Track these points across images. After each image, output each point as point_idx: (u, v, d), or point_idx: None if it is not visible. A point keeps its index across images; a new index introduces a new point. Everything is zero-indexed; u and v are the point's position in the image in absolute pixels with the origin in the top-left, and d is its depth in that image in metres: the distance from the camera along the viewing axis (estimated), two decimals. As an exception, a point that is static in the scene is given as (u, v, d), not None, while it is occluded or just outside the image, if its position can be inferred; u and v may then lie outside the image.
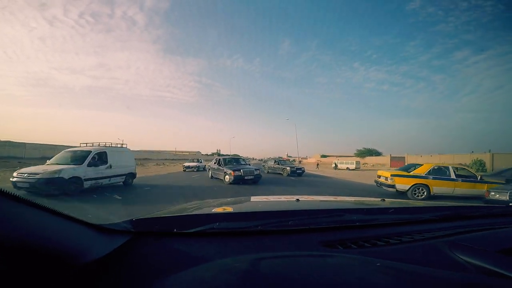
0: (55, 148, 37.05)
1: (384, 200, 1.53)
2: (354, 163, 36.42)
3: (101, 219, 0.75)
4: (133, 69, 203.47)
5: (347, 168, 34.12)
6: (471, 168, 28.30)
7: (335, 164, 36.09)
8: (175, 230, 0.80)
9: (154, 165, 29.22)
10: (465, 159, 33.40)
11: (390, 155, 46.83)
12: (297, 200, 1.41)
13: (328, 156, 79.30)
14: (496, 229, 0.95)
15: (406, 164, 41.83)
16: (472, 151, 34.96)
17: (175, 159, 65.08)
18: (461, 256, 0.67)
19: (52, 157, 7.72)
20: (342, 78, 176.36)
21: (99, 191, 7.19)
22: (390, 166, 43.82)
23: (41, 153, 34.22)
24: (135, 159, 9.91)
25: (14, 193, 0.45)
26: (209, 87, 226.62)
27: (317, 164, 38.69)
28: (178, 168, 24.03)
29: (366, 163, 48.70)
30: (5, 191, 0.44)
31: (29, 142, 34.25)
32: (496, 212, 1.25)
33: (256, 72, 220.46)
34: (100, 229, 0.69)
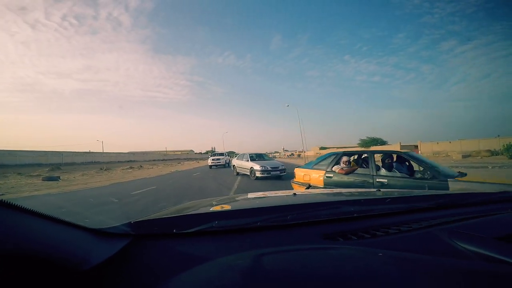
0: (14, 154, 31.72)
1: (379, 190, 1.54)
2: (366, 154, 31.51)
3: (100, 223, 0.71)
4: (122, 71, 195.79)
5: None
6: (504, 154, 23.59)
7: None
8: (174, 230, 0.79)
9: (126, 168, 23.71)
10: (493, 144, 28.85)
11: (400, 143, 42.15)
12: (294, 194, 1.44)
13: (327, 148, 74.79)
14: (493, 216, 0.93)
15: (420, 153, 37.36)
16: (499, 135, 30.50)
17: (165, 160, 59.98)
18: (460, 244, 0.67)
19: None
20: (334, 71, 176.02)
21: None
22: (401, 156, 39.25)
23: (-1, 160, 28.49)
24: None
25: (7, 200, 0.44)
26: (201, 85, 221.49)
27: None
28: (150, 172, 18.67)
29: (373, 154, 43.88)
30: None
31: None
32: (493, 199, 1.22)
33: (248, 68, 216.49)
34: (99, 233, 0.67)
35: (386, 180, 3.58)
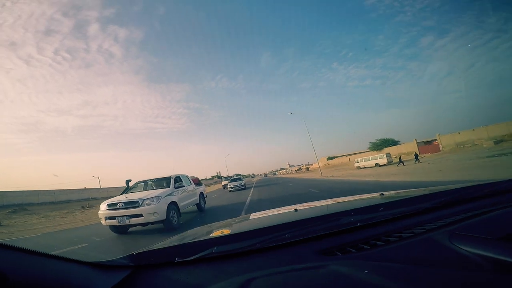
0: (4, 195, 29.20)
1: (383, 194, 1.49)
2: (384, 156, 28.25)
3: (95, 258, 0.72)
4: (119, 103, 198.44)
5: (376, 164, 25.85)
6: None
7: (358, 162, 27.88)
8: (176, 259, 0.80)
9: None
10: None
11: (416, 140, 38.89)
12: (295, 210, 1.39)
13: (335, 157, 71.17)
14: (499, 210, 0.88)
15: (441, 147, 33.94)
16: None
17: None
18: (462, 247, 0.65)
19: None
20: (325, 80, 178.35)
21: None
22: (420, 153, 35.83)
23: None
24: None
25: (4, 242, 0.47)
26: (198, 111, 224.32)
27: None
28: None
29: (388, 155, 40.36)
30: None
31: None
32: (500, 189, 1.13)
33: (242, 89, 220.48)
34: (98, 266, 0.69)
35: None
